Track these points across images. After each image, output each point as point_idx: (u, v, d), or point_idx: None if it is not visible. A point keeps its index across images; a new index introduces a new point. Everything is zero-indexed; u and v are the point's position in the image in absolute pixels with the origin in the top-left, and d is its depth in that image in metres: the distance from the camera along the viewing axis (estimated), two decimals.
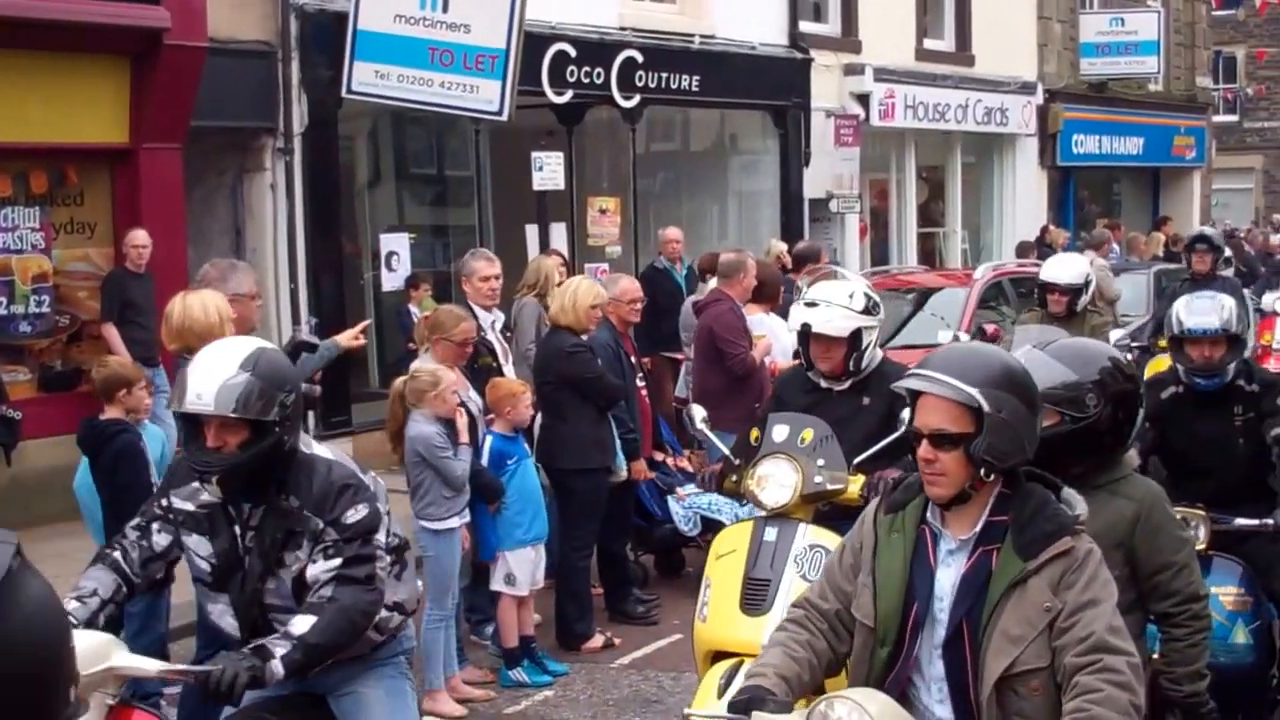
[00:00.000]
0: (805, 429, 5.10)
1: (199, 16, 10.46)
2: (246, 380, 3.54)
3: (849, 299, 5.28)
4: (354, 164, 13.64)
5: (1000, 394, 2.97)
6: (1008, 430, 2.96)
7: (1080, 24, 22.93)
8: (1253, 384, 5.38)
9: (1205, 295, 5.54)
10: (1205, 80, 28.09)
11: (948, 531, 3.07)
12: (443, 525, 6.62)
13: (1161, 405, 5.36)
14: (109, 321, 10.06)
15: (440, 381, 6.53)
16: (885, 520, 3.15)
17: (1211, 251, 10.83)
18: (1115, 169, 25.27)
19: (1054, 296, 8.53)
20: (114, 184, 10.64)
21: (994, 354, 3.13)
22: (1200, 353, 5.25)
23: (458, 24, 11.46)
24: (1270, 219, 31.08)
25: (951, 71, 19.52)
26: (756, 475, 5.05)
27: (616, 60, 14.25)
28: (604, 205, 14.61)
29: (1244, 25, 38.14)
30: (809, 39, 17.10)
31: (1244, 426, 5.34)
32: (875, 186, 19.49)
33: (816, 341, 5.29)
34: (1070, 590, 2.93)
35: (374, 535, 3.67)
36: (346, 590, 3.59)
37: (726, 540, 5.10)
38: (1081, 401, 3.69)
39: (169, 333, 5.54)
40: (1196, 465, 5.38)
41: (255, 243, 11.89)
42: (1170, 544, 3.79)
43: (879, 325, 5.39)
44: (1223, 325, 5.22)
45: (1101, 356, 3.82)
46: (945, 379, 2.98)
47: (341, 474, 3.69)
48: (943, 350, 3.14)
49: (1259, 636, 5.06)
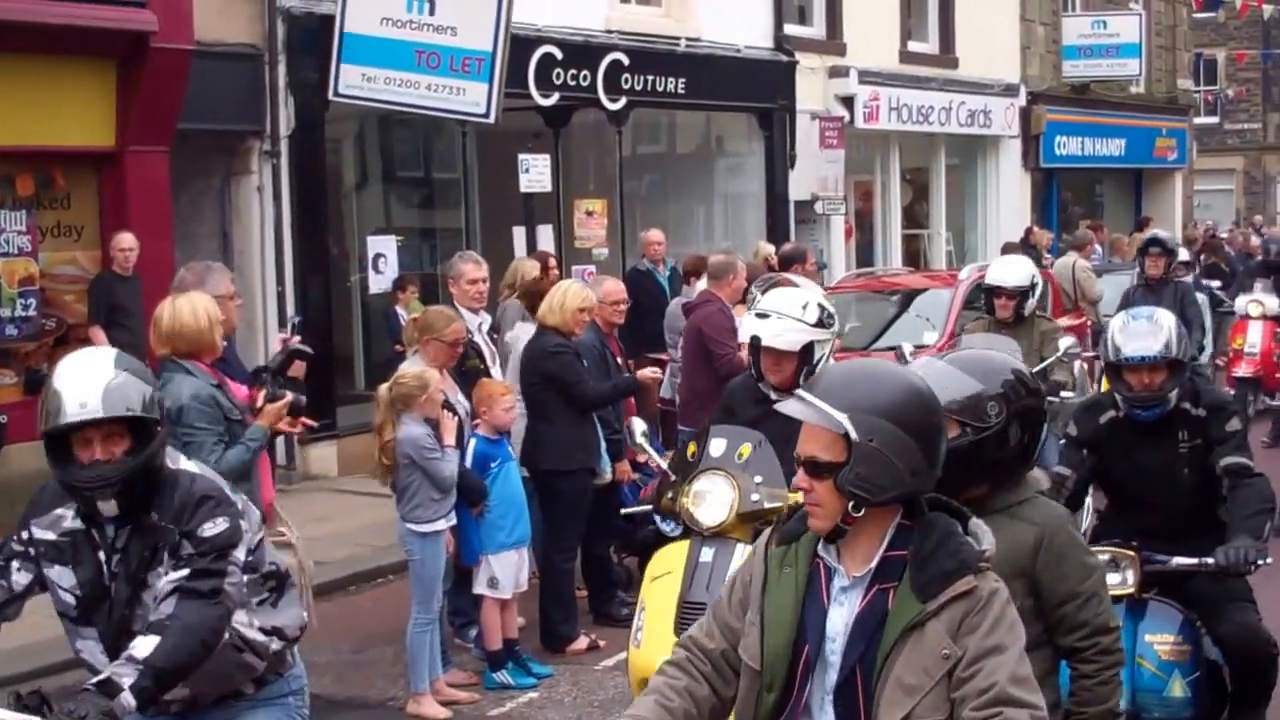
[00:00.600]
0: (743, 444, 4.92)
1: (185, 19, 10.47)
2: (128, 379, 3.45)
3: (802, 311, 5.12)
4: (341, 167, 13.66)
5: (875, 420, 2.68)
6: (879, 461, 2.67)
7: (1062, 27, 23.07)
8: (1199, 407, 4.92)
9: (1143, 315, 5.02)
10: (1186, 82, 28.27)
11: (841, 566, 2.78)
12: (429, 528, 6.63)
13: (1100, 431, 5.00)
14: (96, 325, 10.06)
15: (428, 385, 6.55)
16: (777, 553, 2.87)
17: (1165, 255, 10.52)
18: (1097, 170, 25.42)
19: (1000, 301, 8.13)
20: (101, 187, 10.64)
21: (884, 375, 2.80)
22: (1139, 380, 4.82)
23: (444, 26, 11.49)
24: (1251, 220, 31.27)
25: (935, 74, 19.61)
26: (692, 492, 4.88)
27: (603, 63, 14.29)
28: (590, 207, 14.66)
29: (1224, 27, 38.36)
30: (794, 41, 17.17)
31: (1190, 454, 4.91)
32: (860, 188, 19.57)
33: (767, 354, 5.13)
34: (972, 635, 2.65)
35: (231, 551, 3.50)
36: (190, 605, 3.42)
37: (661, 561, 4.92)
38: (982, 411, 3.43)
39: (158, 337, 5.49)
40: (1139, 496, 4.99)
41: (242, 245, 11.90)
42: (1076, 571, 3.48)
43: (833, 338, 5.24)
44: (1162, 350, 4.78)
45: (1004, 369, 3.53)
46: (816, 402, 2.72)
47: (203, 486, 3.55)
48: (830, 369, 2.88)
49: (1198, 689, 4.67)
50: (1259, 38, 38.89)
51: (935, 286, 13.16)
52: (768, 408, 5.04)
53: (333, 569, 9.08)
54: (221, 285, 6.01)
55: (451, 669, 7.10)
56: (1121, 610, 4.59)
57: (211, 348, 5.49)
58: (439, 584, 6.73)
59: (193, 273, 6.14)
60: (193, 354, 5.43)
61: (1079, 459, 5.04)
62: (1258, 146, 41.03)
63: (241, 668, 3.71)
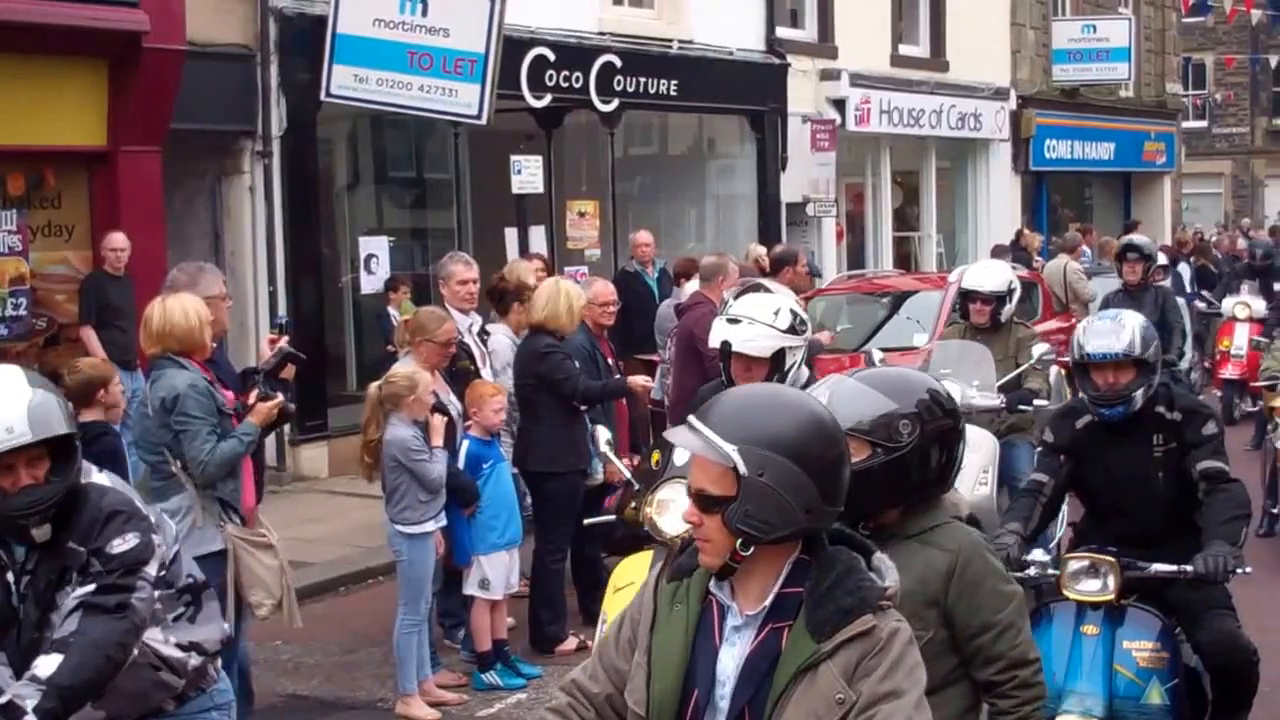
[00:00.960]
0: None
1: (178, 20, 10.47)
2: (45, 396, 3.37)
3: (774, 316, 5.00)
4: (333, 167, 13.66)
5: (766, 454, 2.47)
6: (769, 497, 2.46)
7: (1053, 31, 23.14)
8: (1174, 411, 4.88)
9: (1107, 316, 5.07)
10: (1175, 86, 28.37)
11: (735, 604, 2.58)
12: (418, 529, 6.63)
13: (1075, 436, 4.97)
14: (87, 324, 10.06)
15: (417, 385, 6.55)
16: (668, 589, 2.65)
17: (1143, 260, 10.29)
18: (1087, 174, 25.52)
19: (976, 306, 7.91)
20: (92, 187, 10.63)
21: (781, 404, 2.57)
22: (1105, 379, 4.80)
23: (437, 28, 11.50)
24: (1239, 223, 31.38)
25: (926, 77, 19.67)
26: (655, 501, 4.74)
27: (595, 65, 14.31)
28: (583, 208, 14.68)
29: (1213, 32, 38.51)
30: (786, 44, 17.21)
31: (1164, 458, 4.86)
32: (851, 191, 19.61)
33: (738, 360, 5.00)
34: (868, 679, 2.46)
35: (142, 567, 3.39)
36: (95, 621, 3.29)
37: (625, 572, 4.79)
38: (894, 431, 3.23)
39: (148, 337, 5.53)
40: (1114, 503, 4.96)
41: (234, 245, 11.90)
42: (992, 600, 3.25)
43: (805, 344, 5.15)
44: (1125, 349, 4.76)
45: (920, 388, 3.33)
46: (704, 432, 2.51)
47: (114, 501, 3.43)
48: (726, 395, 2.62)
49: (1176, 697, 4.61)
50: (1247, 42, 39.04)
51: (925, 289, 13.23)
52: None
53: (322, 570, 9.09)
54: (213, 286, 6.03)
55: (440, 670, 7.12)
56: (1100, 616, 4.63)
57: (201, 347, 5.53)
58: (427, 585, 6.73)
59: (184, 273, 6.15)
60: (183, 353, 5.48)
61: (1056, 465, 5.01)
62: (1245, 150, 41.20)
63: (159, 686, 3.60)
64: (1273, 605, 7.68)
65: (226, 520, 5.55)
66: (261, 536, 5.64)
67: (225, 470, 5.45)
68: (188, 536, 5.38)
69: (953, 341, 7.97)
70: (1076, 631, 4.65)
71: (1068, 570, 4.66)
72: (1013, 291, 7.92)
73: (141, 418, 5.68)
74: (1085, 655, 4.60)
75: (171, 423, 5.38)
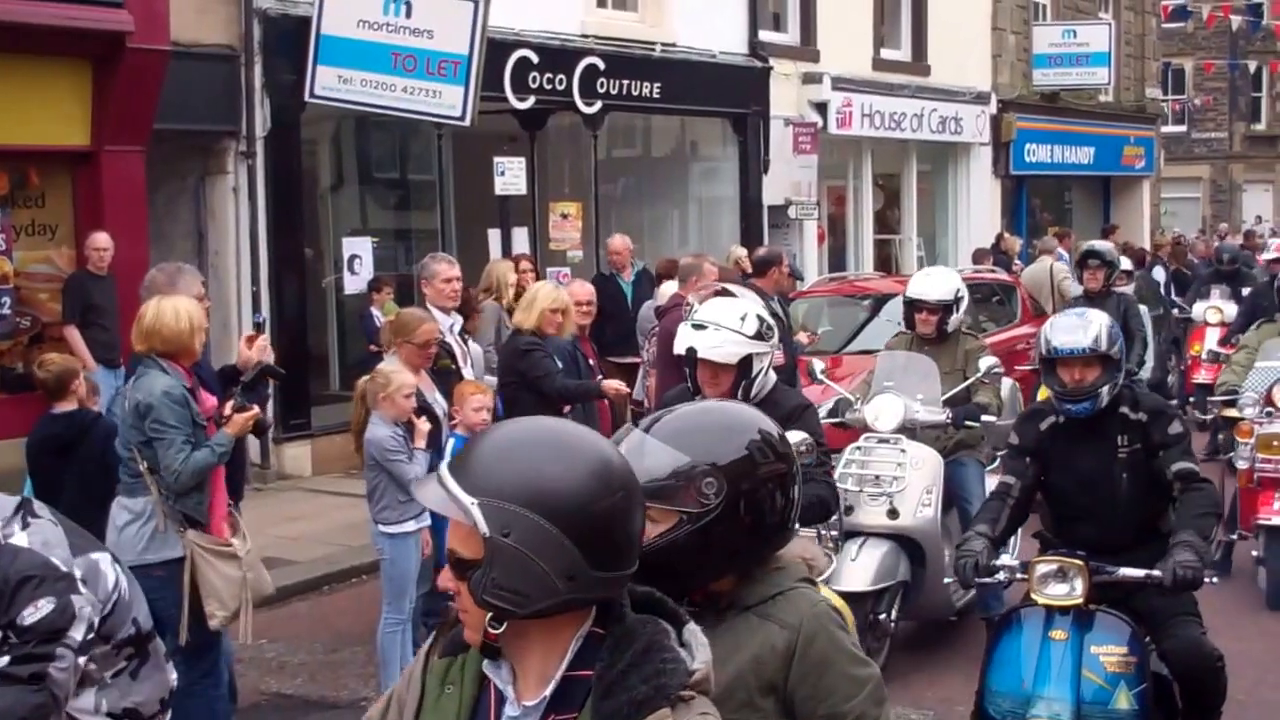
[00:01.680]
0: None
1: (162, 20, 10.48)
2: None
3: (740, 322, 4.88)
4: (317, 168, 13.68)
5: (513, 510, 1.99)
6: (517, 562, 1.99)
7: (1033, 36, 23.28)
8: (1139, 411, 4.86)
9: (1074, 312, 5.14)
10: (1154, 91, 28.56)
11: (512, 689, 2.11)
12: (398, 529, 6.63)
13: (1040, 438, 4.97)
14: (71, 323, 10.07)
15: (391, 383, 6.56)
16: (440, 665, 2.21)
17: (1104, 267, 10.07)
18: (1066, 178, 25.67)
19: (921, 315, 7.55)
20: (76, 186, 10.64)
21: (549, 444, 2.08)
22: (1071, 375, 4.80)
23: (421, 30, 11.54)
24: (1217, 228, 31.60)
25: (908, 81, 19.77)
26: None
27: (579, 67, 14.37)
28: (565, 210, 14.73)
29: (1192, 37, 38.76)
30: (768, 48, 17.28)
31: (1128, 459, 4.83)
32: (833, 193, 19.71)
33: (704, 367, 4.89)
34: None
35: (62, 634, 3.11)
36: (6, 692, 3.08)
37: None
38: (696, 491, 2.55)
39: (138, 333, 5.53)
40: (1079, 506, 4.91)
41: (217, 245, 11.92)
42: (841, 686, 2.61)
43: (772, 351, 5.03)
44: (1092, 344, 4.78)
45: (742, 433, 2.62)
46: (446, 482, 2.05)
47: (24, 565, 3.11)
48: (487, 435, 2.18)
49: (1144, 702, 4.59)
50: (1226, 48, 39.29)
51: None
52: None
53: (306, 569, 9.12)
54: (192, 287, 6.03)
55: None
56: (1068, 621, 4.61)
57: (189, 351, 5.53)
58: (410, 584, 6.73)
59: (163, 273, 6.16)
60: (169, 354, 5.48)
61: (1023, 467, 4.99)
62: (1224, 155, 41.48)
63: None
64: (1245, 617, 7.78)
65: (188, 527, 5.50)
66: (226, 546, 5.57)
67: (198, 479, 5.46)
68: (150, 540, 5.42)
69: (898, 353, 7.63)
70: (1045, 637, 4.63)
71: (1036, 574, 4.64)
72: (960, 300, 7.57)
73: (121, 413, 5.67)
74: (1054, 660, 4.59)
75: (146, 428, 5.38)
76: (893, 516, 6.81)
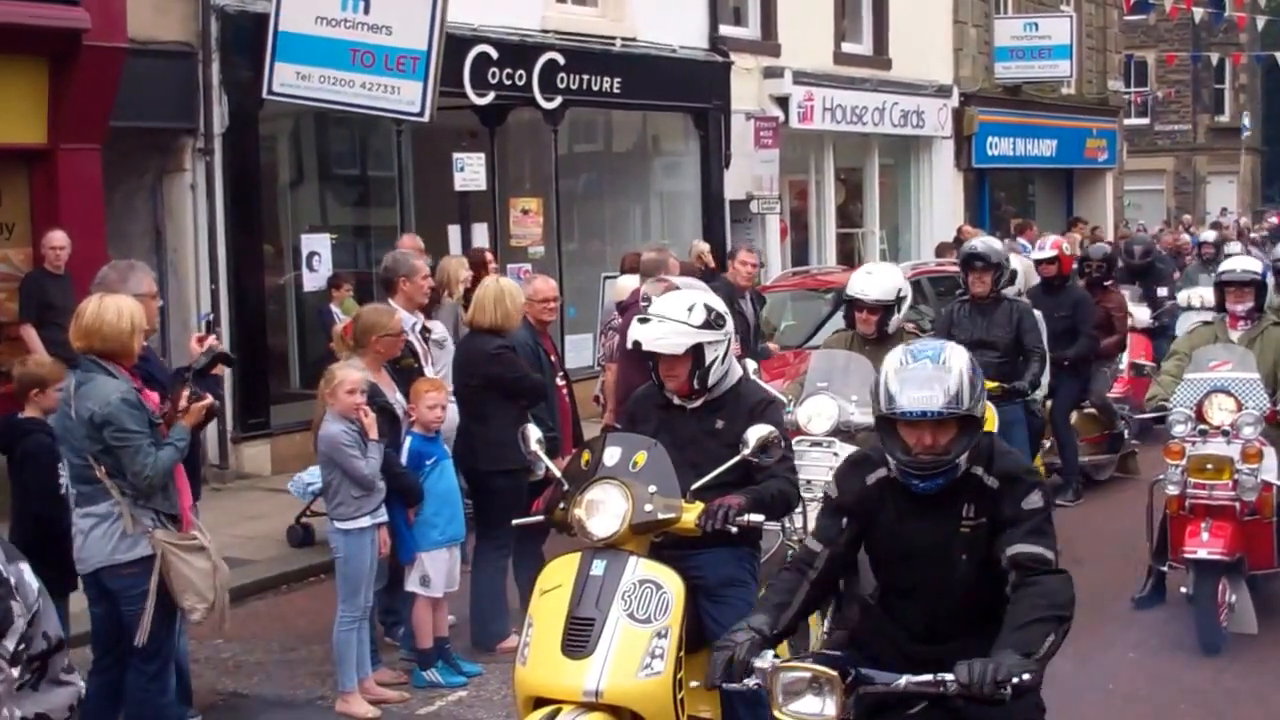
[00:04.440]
0: (639, 452, 4.68)
1: (119, 17, 10.44)
2: None
3: (687, 313, 4.91)
4: (275, 164, 13.64)
5: None
6: None
7: (994, 29, 23.42)
8: (992, 474, 3.77)
9: (926, 354, 3.74)
10: (1117, 84, 28.76)
11: None
12: (353, 525, 6.65)
13: (865, 495, 3.87)
14: (27, 322, 10.02)
15: (334, 378, 6.57)
16: None
17: (990, 270, 8.78)
18: (1029, 170, 25.83)
19: (862, 315, 7.35)
20: (32, 184, 10.60)
21: None
22: (919, 438, 3.68)
23: (379, 25, 11.52)
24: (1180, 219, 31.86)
25: (869, 75, 19.86)
26: (584, 502, 4.62)
27: (538, 62, 14.37)
28: (526, 206, 14.74)
29: (1154, 30, 39.03)
30: (729, 42, 17.33)
31: (970, 535, 3.75)
32: (795, 187, 19.77)
33: (662, 361, 4.93)
34: None
35: None
36: None
37: (552, 574, 4.65)
38: None
39: (77, 331, 5.46)
40: (907, 582, 3.86)
41: (175, 243, 11.88)
42: None
43: (726, 339, 4.98)
44: (947, 404, 3.63)
45: None
46: None
47: None
48: None
49: None
50: (1189, 40, 39.59)
51: None
52: (669, 414, 5.02)
53: (264, 567, 9.13)
54: (142, 284, 6.02)
55: (381, 668, 7.15)
56: None
57: (128, 351, 5.47)
58: (365, 581, 6.74)
59: (115, 270, 6.16)
60: (109, 354, 5.42)
61: (836, 530, 3.91)
62: (1187, 147, 41.81)
63: None
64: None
65: (158, 524, 5.51)
66: (193, 539, 5.61)
67: (166, 479, 5.47)
68: (120, 539, 5.42)
69: (836, 352, 7.41)
70: None
71: (780, 683, 3.54)
72: (902, 300, 7.41)
73: (64, 418, 5.55)
74: None
75: (107, 438, 5.32)
76: None
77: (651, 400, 5.10)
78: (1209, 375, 7.41)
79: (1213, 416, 7.24)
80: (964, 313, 8.96)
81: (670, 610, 4.46)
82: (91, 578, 5.55)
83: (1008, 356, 8.80)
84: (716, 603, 4.86)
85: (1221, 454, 7.12)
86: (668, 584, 4.51)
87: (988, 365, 8.76)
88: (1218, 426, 7.22)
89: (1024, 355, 8.81)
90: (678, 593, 4.51)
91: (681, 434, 4.93)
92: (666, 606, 4.46)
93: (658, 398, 5.06)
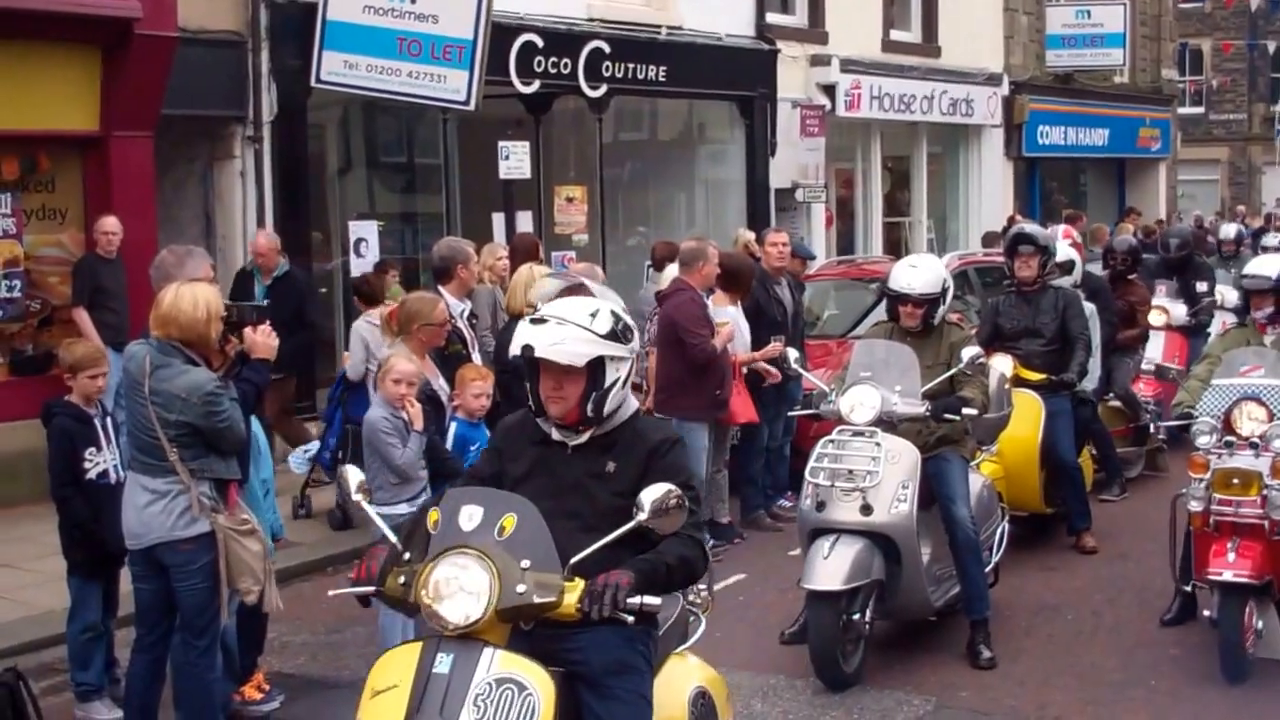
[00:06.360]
0: (507, 514, 3.73)
1: (169, 7, 10.60)
2: None
3: (590, 319, 3.98)
4: (323, 152, 13.78)
5: None
6: None
7: (1046, 16, 23.21)
8: None
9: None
10: (1171, 72, 28.42)
11: None
12: (389, 510, 6.62)
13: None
14: (80, 306, 10.21)
15: (384, 365, 6.65)
16: None
17: (1037, 253, 8.54)
18: (1080, 160, 25.58)
19: (907, 309, 7.11)
20: (85, 171, 10.77)
21: None
22: None
23: (426, 14, 11.63)
24: (1235, 210, 31.48)
25: (918, 63, 19.75)
26: (432, 582, 3.66)
27: (584, 51, 14.42)
28: (571, 194, 14.80)
29: (1210, 17, 38.57)
30: (775, 30, 17.30)
31: None
32: (841, 176, 19.71)
33: (546, 374, 3.96)
34: None
35: None
36: None
37: (386, 670, 3.77)
38: None
39: (155, 318, 5.52)
40: None
41: (225, 229, 12.04)
42: None
43: (633, 358, 4.09)
44: None
45: None
46: None
47: None
48: None
49: None
50: (1245, 28, 39.08)
51: None
52: (546, 451, 4.07)
53: (310, 550, 9.25)
54: (200, 269, 6.07)
55: None
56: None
57: (204, 341, 5.51)
58: None
59: (173, 255, 6.21)
60: (187, 342, 5.48)
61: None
62: (1243, 137, 41.28)
63: None
64: None
65: (217, 504, 5.57)
66: (244, 523, 5.68)
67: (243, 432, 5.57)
68: (180, 516, 5.48)
69: (877, 342, 7.22)
70: None
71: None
72: (946, 292, 7.16)
73: (133, 391, 5.51)
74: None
75: (211, 423, 5.39)
76: (866, 513, 6.52)
77: (524, 433, 4.15)
78: (1238, 381, 6.79)
79: (1241, 426, 6.63)
80: (1010, 302, 8.85)
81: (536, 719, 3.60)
82: (144, 553, 5.57)
83: (1055, 345, 8.69)
84: (603, 697, 3.89)
85: (1249, 468, 6.48)
86: (533, 683, 3.64)
87: (1034, 355, 8.75)
88: (1246, 437, 6.60)
89: (1068, 343, 8.66)
90: (546, 695, 3.64)
91: (563, 478, 4.02)
92: (532, 713, 3.60)
93: (532, 431, 4.11)
